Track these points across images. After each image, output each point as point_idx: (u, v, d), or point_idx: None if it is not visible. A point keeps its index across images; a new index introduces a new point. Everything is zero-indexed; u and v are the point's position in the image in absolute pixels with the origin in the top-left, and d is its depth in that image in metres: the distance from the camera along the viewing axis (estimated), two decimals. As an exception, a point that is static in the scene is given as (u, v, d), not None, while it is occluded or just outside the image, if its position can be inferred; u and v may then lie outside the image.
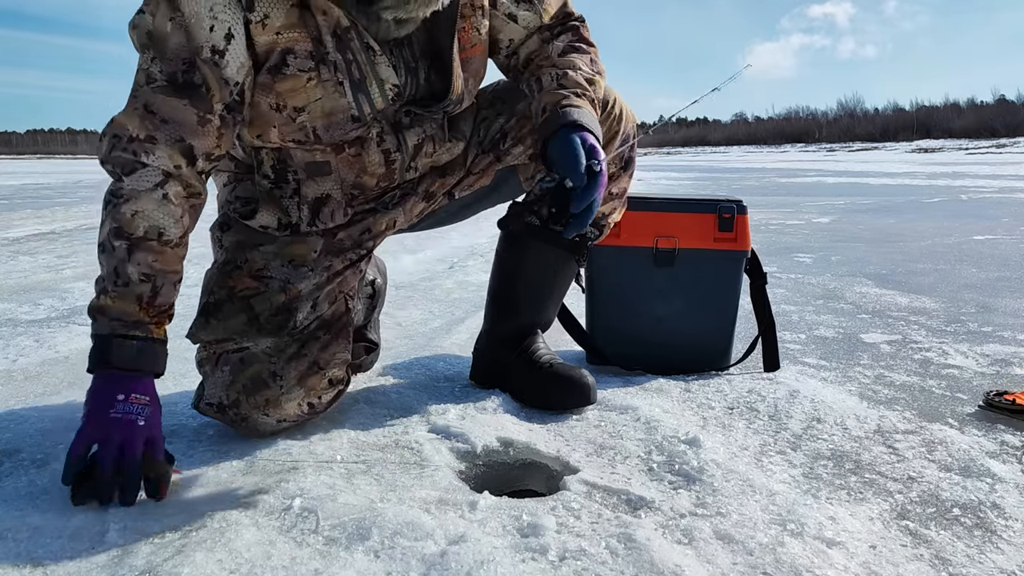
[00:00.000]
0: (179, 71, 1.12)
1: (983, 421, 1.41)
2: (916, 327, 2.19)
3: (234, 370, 1.26)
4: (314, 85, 1.19)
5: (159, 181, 1.11)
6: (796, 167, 19.93)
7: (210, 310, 1.30)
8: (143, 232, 1.10)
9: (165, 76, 1.12)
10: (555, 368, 1.47)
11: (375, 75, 1.22)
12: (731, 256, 1.69)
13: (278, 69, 1.18)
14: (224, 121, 1.16)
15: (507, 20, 1.38)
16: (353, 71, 1.20)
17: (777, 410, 1.46)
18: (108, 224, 1.10)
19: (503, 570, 0.86)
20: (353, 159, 1.30)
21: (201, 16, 1.11)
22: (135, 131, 1.10)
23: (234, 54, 1.14)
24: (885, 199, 7.95)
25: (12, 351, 1.92)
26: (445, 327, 2.19)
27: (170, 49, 1.12)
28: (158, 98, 1.12)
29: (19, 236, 4.83)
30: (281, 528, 0.96)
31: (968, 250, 3.87)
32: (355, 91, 1.21)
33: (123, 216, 1.09)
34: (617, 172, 1.47)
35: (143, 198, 1.10)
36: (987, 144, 45.92)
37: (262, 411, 1.25)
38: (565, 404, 1.43)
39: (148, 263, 1.10)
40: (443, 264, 3.45)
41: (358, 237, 1.38)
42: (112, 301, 1.09)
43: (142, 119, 1.11)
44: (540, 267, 1.53)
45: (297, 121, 1.22)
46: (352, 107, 1.22)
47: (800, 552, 0.92)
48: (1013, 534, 1.00)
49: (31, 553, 0.91)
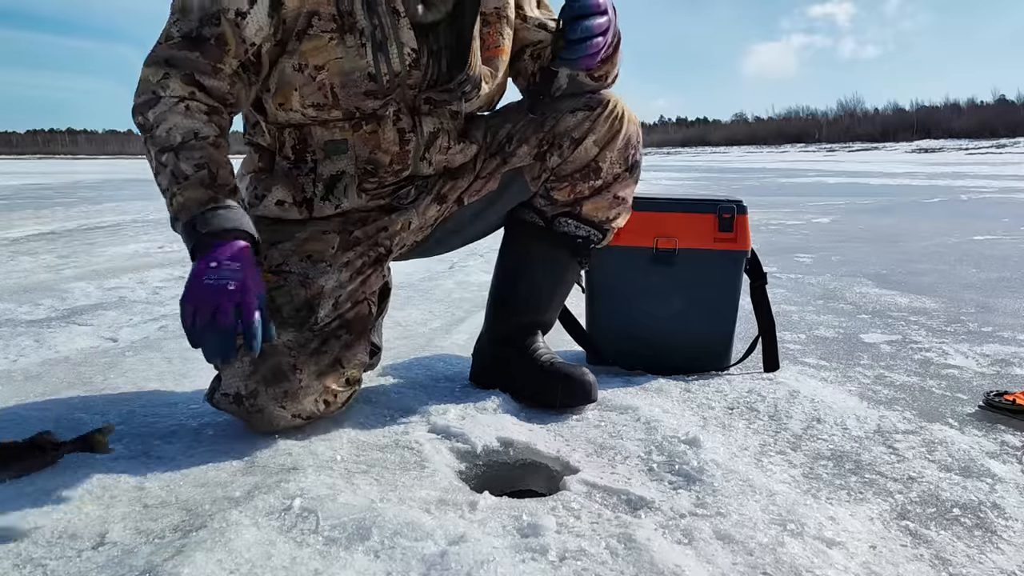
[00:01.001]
0: (194, 28, 1.22)
1: (983, 421, 1.41)
2: (916, 327, 2.19)
3: (254, 360, 1.26)
4: (335, 44, 1.27)
5: (178, 100, 1.20)
6: (796, 167, 19.93)
7: None
8: (181, 138, 1.18)
9: (181, 34, 1.22)
10: (556, 366, 1.47)
11: (396, 38, 1.29)
12: (731, 256, 1.69)
13: (303, 32, 1.27)
14: (238, 75, 1.25)
15: (537, 30, 1.49)
16: (376, 34, 1.28)
17: (777, 410, 1.46)
18: (152, 151, 1.19)
19: (503, 570, 0.86)
20: (369, 136, 1.36)
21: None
22: (153, 78, 1.20)
23: (255, 16, 1.23)
24: (885, 199, 7.95)
25: (12, 351, 1.92)
26: (445, 327, 2.19)
27: (195, 9, 1.22)
28: (172, 51, 1.21)
29: (19, 236, 4.83)
30: (281, 528, 0.96)
31: (968, 250, 3.87)
32: (375, 51, 1.28)
33: (159, 137, 1.18)
34: (623, 175, 1.49)
35: (169, 116, 1.19)
36: (987, 144, 45.92)
37: (279, 403, 1.25)
38: (567, 402, 1.43)
39: (196, 158, 1.17)
40: (443, 264, 3.45)
41: (375, 235, 1.41)
42: (183, 196, 1.15)
43: (157, 67, 1.21)
44: (543, 268, 1.54)
45: (316, 80, 1.29)
46: (370, 66, 1.29)
47: (800, 552, 0.92)
48: (1013, 534, 1.00)
49: (31, 553, 0.91)
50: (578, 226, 1.50)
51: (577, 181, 1.46)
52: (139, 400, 1.52)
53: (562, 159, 1.45)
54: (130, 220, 6.06)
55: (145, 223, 5.78)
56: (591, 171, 1.46)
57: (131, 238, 4.71)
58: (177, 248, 4.14)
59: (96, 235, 4.91)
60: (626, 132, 1.47)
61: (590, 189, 1.47)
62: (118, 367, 1.77)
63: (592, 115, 1.44)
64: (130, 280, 3.05)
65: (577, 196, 1.47)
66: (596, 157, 1.45)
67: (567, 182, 1.47)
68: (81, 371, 1.74)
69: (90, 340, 2.04)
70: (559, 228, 1.51)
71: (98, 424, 1.37)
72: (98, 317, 2.33)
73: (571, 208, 1.49)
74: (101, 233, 5.04)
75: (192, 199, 1.15)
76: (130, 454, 1.22)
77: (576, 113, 1.44)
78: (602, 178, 1.47)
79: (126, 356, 1.88)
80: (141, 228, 5.38)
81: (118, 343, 2.02)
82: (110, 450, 1.19)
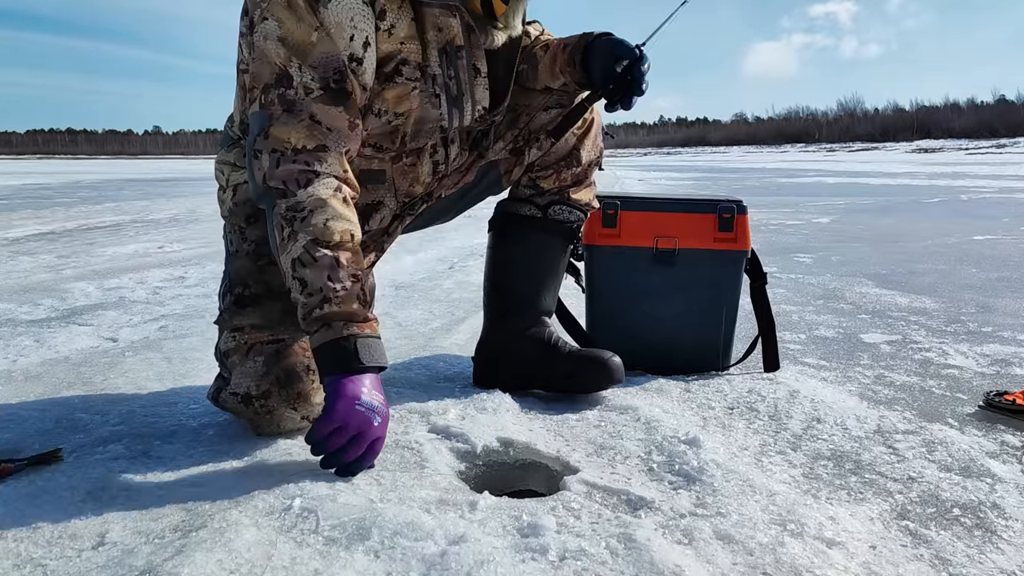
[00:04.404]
0: (331, 79, 1.16)
1: (983, 421, 1.41)
2: (916, 327, 2.19)
3: (268, 361, 1.26)
4: (417, 93, 1.27)
5: (337, 186, 1.15)
6: (796, 167, 19.93)
7: (245, 301, 1.32)
8: (339, 238, 1.13)
9: (320, 85, 1.15)
10: (583, 353, 1.53)
11: (471, 94, 1.32)
12: (731, 256, 1.69)
13: (390, 77, 1.24)
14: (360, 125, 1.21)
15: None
16: (451, 87, 1.28)
17: (777, 410, 1.46)
18: (302, 238, 1.11)
19: (503, 570, 0.86)
20: (408, 168, 1.37)
21: (343, 25, 1.16)
22: (300, 142, 1.13)
23: (369, 61, 1.20)
24: (885, 199, 7.95)
25: (12, 351, 1.92)
26: (445, 327, 2.19)
27: (317, 57, 1.15)
28: (320, 107, 1.15)
29: (19, 236, 4.83)
30: (281, 528, 0.95)
31: (968, 250, 3.87)
32: (451, 105, 1.29)
33: (316, 227, 1.11)
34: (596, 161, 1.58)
35: (330, 205, 1.13)
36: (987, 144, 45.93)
37: (291, 404, 1.26)
38: (603, 385, 1.50)
39: (352, 265, 1.14)
40: (443, 264, 3.45)
41: (379, 239, 1.45)
42: (338, 307, 1.11)
43: (310, 129, 1.14)
44: (545, 257, 1.57)
45: (391, 124, 1.29)
46: (443, 118, 1.30)
47: (800, 552, 0.92)
48: (1013, 534, 1.00)
49: (31, 553, 0.91)
50: (570, 211, 1.56)
51: (561, 169, 1.53)
52: (139, 400, 1.52)
53: (541, 151, 1.50)
54: (130, 220, 6.06)
55: (145, 223, 5.78)
56: (573, 160, 1.53)
57: (131, 238, 4.71)
58: (177, 248, 4.14)
59: (96, 235, 4.91)
60: (597, 124, 1.56)
61: (572, 177, 1.54)
62: (118, 367, 1.77)
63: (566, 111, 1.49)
64: (130, 280, 3.05)
65: (562, 184, 1.54)
66: (575, 147, 1.52)
67: (552, 170, 1.53)
68: (81, 371, 1.74)
69: (90, 340, 2.04)
70: (554, 216, 1.55)
71: (98, 423, 1.37)
72: (98, 317, 2.33)
73: (560, 195, 1.55)
74: (101, 233, 5.04)
75: (348, 314, 1.11)
76: (130, 454, 1.22)
77: (550, 111, 1.48)
78: (581, 166, 1.54)
79: (126, 356, 1.88)
80: (141, 228, 5.38)
81: (118, 343, 2.02)
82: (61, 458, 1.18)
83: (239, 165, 1.38)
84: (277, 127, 1.14)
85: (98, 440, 1.28)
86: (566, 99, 1.49)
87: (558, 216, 1.55)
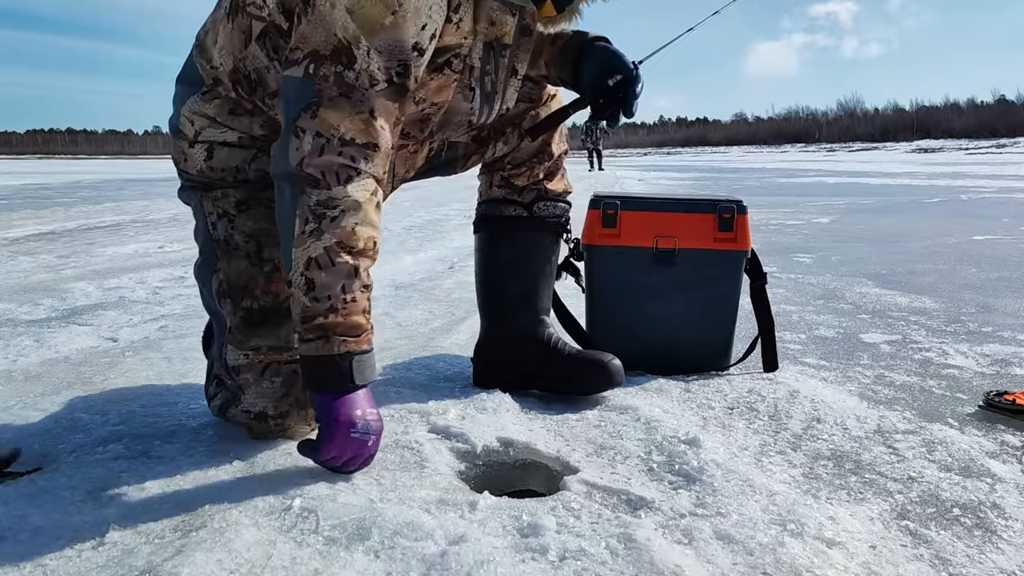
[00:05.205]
0: (395, 71, 1.09)
1: (983, 421, 1.41)
2: (916, 327, 2.19)
3: (287, 382, 1.24)
4: (456, 85, 1.24)
5: (374, 189, 1.10)
6: (796, 167, 19.93)
7: (257, 318, 1.25)
8: (363, 245, 1.08)
9: (385, 77, 1.08)
10: (583, 355, 1.53)
11: (503, 95, 1.30)
12: (731, 256, 1.69)
13: (440, 68, 1.19)
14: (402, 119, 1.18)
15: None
16: (486, 82, 1.26)
17: (777, 410, 1.46)
18: (326, 239, 1.05)
19: (503, 570, 0.86)
20: (409, 156, 1.37)
21: (420, 12, 1.08)
22: (351, 134, 1.06)
23: (428, 54, 1.14)
24: (885, 199, 7.95)
25: (12, 351, 1.92)
26: (445, 327, 2.19)
27: (385, 41, 1.06)
28: (381, 102, 1.08)
29: (19, 236, 4.83)
30: (281, 528, 0.96)
31: (968, 250, 3.87)
32: (483, 100, 1.28)
33: (345, 230, 1.06)
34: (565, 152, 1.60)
35: (364, 209, 1.07)
36: (987, 144, 45.94)
37: (307, 422, 1.27)
38: (603, 388, 1.50)
39: (366, 275, 1.10)
40: (443, 264, 3.45)
41: None
42: (343, 319, 1.07)
43: (366, 124, 1.07)
44: (536, 254, 1.58)
45: (424, 113, 1.25)
46: (474, 113, 1.28)
47: (800, 552, 0.92)
48: (1013, 534, 1.00)
49: (31, 553, 0.91)
50: (554, 205, 1.57)
51: (535, 165, 1.55)
52: (139, 400, 1.52)
53: (508, 146, 1.51)
54: (130, 220, 6.06)
55: (145, 223, 5.78)
56: (545, 155, 1.55)
57: (131, 238, 4.71)
58: (177, 248, 4.14)
59: (96, 235, 4.91)
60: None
61: (545, 170, 1.56)
62: (118, 367, 1.77)
63: (534, 106, 1.51)
64: (130, 280, 3.05)
65: (534, 179, 1.55)
66: (546, 140, 1.54)
67: (525, 167, 1.54)
68: (81, 371, 1.74)
69: (90, 340, 2.04)
70: (539, 212, 1.56)
71: (98, 423, 1.37)
72: (98, 317, 2.33)
73: (539, 190, 1.56)
74: (101, 233, 5.04)
75: (350, 326, 1.08)
76: (130, 454, 1.22)
77: (518, 104, 1.47)
78: (553, 159, 1.56)
79: (126, 356, 1.88)
80: (141, 228, 5.38)
81: (118, 343, 2.02)
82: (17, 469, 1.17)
83: (222, 122, 1.23)
84: (328, 110, 1.05)
85: (98, 440, 1.28)
86: (536, 92, 1.49)
87: (543, 212, 1.56)
